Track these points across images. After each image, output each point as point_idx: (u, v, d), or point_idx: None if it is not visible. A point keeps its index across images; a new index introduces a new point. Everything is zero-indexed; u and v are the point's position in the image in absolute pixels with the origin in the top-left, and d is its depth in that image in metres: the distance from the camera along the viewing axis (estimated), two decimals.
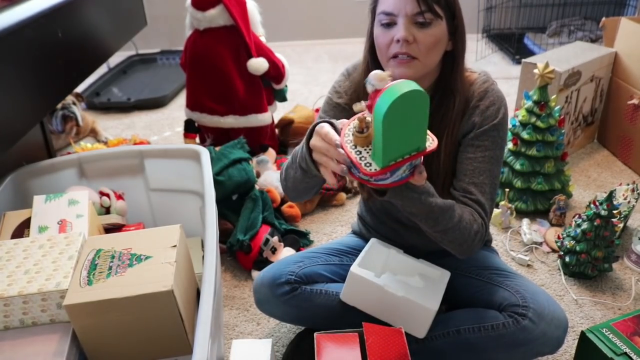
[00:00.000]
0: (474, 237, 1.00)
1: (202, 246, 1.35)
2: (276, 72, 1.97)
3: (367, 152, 0.82)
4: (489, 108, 1.03)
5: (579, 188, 1.90)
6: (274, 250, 1.53)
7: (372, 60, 1.06)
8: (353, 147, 0.83)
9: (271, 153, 1.97)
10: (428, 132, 0.83)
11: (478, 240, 1.01)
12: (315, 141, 0.89)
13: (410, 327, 1.06)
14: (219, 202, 1.23)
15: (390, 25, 0.97)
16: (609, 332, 1.09)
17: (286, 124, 2.16)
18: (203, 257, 1.00)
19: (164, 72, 3.23)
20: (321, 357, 0.96)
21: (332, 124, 0.89)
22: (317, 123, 0.91)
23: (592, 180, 1.95)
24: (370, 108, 0.80)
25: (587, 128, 2.14)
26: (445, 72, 1.04)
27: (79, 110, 2.25)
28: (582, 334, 1.11)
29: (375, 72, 0.78)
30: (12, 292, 0.90)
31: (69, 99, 2.21)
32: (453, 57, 1.02)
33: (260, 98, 1.97)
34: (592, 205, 1.43)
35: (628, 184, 1.69)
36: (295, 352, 1.21)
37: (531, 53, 3.03)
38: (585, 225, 1.43)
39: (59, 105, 2.17)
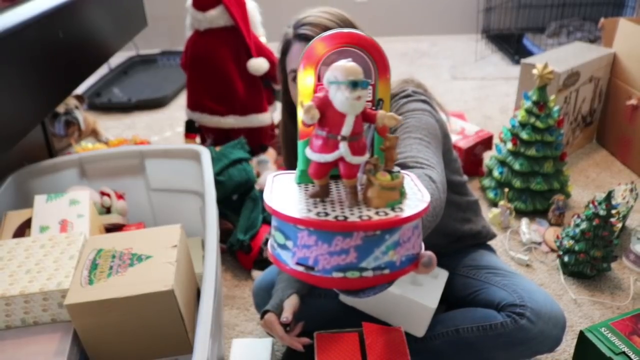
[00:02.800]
0: (439, 197, 0.84)
1: (203, 246, 1.36)
2: (276, 72, 1.97)
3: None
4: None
5: (578, 188, 1.90)
6: None
7: (289, 116, 1.11)
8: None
9: (271, 153, 1.98)
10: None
11: (442, 198, 0.85)
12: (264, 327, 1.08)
13: (409, 326, 1.06)
14: (219, 202, 1.23)
15: None
16: (607, 332, 1.09)
17: None
18: (203, 257, 1.01)
19: (165, 73, 3.24)
20: (321, 357, 0.97)
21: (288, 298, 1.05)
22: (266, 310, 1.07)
23: (590, 181, 1.96)
24: (370, 116, 0.58)
25: (586, 128, 2.14)
26: None
27: (81, 115, 2.21)
28: (581, 333, 1.12)
29: (341, 63, 0.54)
30: (14, 292, 0.91)
31: (72, 103, 2.17)
32: None
33: (261, 98, 1.98)
34: (590, 205, 1.44)
35: (627, 184, 1.70)
36: (295, 351, 1.21)
37: (530, 53, 3.03)
38: (584, 225, 1.43)
39: (62, 110, 2.12)
